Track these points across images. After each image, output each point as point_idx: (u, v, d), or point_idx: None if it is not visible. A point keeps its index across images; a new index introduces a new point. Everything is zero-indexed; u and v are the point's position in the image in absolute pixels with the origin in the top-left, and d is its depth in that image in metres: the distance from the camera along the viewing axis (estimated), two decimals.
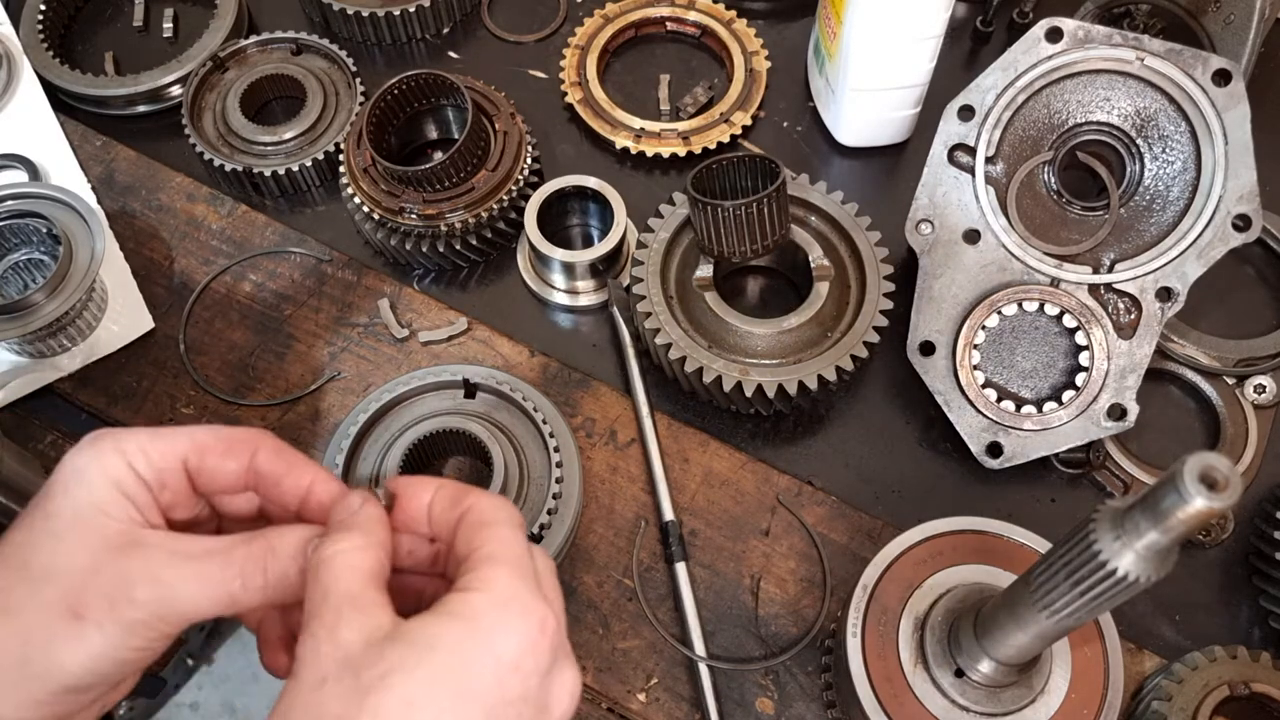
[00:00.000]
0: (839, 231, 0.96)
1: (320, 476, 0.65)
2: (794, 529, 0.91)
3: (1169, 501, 0.46)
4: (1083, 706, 0.72)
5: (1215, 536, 0.90)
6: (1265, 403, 0.94)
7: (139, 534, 0.60)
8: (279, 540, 0.60)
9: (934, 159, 0.91)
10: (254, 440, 0.65)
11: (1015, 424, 0.90)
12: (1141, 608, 0.88)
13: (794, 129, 1.11)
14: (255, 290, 1.03)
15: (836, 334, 0.92)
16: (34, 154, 1.07)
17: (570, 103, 1.10)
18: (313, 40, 1.11)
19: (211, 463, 0.64)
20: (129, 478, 0.61)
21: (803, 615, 0.88)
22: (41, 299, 0.92)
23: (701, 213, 0.88)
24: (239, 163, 1.05)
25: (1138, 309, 0.89)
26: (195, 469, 0.64)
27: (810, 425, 0.96)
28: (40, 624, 0.56)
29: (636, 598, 0.88)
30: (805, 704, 0.85)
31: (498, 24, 1.18)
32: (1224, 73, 0.85)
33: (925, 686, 0.73)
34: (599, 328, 1.01)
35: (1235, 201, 0.85)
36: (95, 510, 0.59)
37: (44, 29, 1.13)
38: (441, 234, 0.98)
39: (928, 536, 0.78)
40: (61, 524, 0.59)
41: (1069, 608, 0.57)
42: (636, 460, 0.94)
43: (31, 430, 0.97)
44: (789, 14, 1.17)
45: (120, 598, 0.57)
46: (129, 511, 0.60)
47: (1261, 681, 0.78)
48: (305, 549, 0.60)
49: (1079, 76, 0.88)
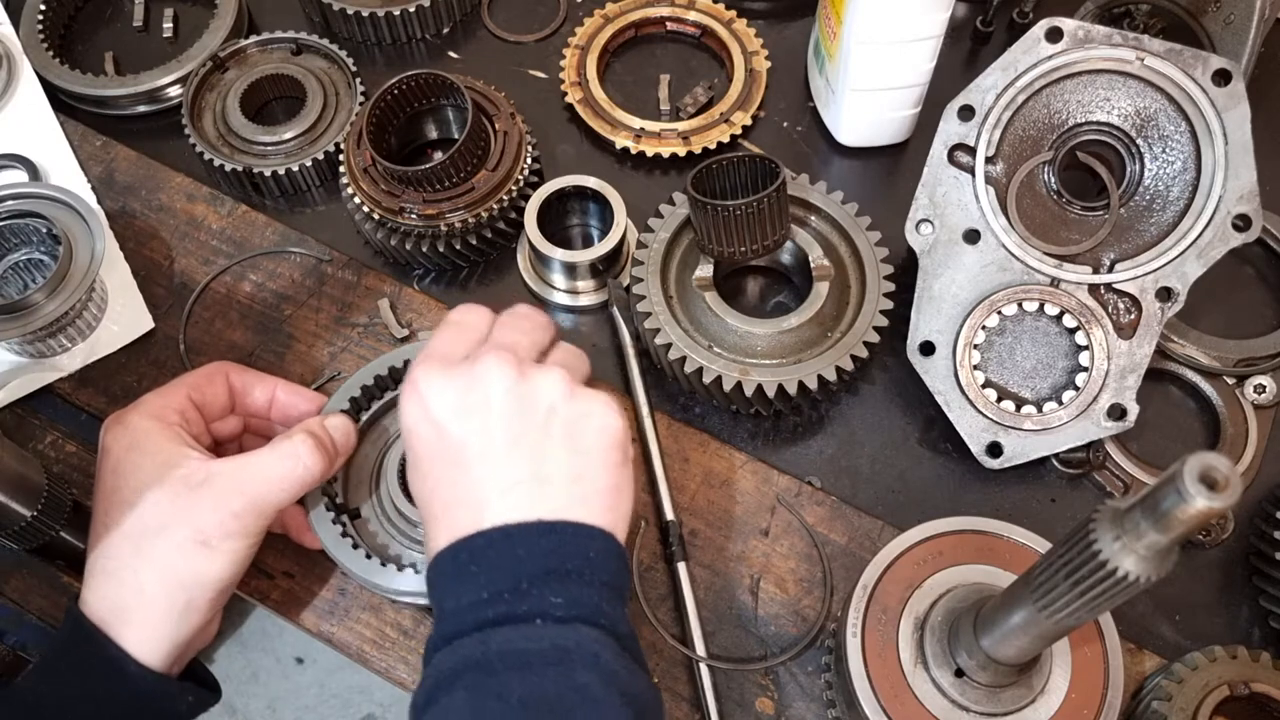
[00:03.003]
0: (839, 231, 0.96)
1: (280, 382, 0.88)
2: (794, 529, 0.91)
3: (1169, 501, 0.46)
4: (1083, 706, 0.72)
5: (1215, 536, 0.90)
6: (1265, 403, 0.94)
7: (207, 467, 0.77)
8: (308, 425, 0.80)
9: (934, 159, 0.91)
10: (223, 366, 0.87)
11: (1015, 424, 0.90)
12: (1141, 608, 0.88)
13: (794, 129, 1.11)
14: (255, 290, 1.03)
15: (836, 334, 0.92)
16: (34, 154, 1.07)
17: (570, 103, 1.10)
18: (313, 40, 1.11)
19: (208, 393, 0.85)
20: (170, 431, 0.79)
21: (803, 615, 0.88)
22: (41, 299, 0.92)
23: (701, 213, 0.88)
24: (239, 163, 1.05)
25: (1138, 309, 0.89)
26: (200, 402, 0.84)
27: (810, 425, 0.96)
28: (184, 559, 0.75)
29: (636, 598, 0.88)
30: (805, 704, 0.85)
31: (498, 24, 1.18)
32: (1224, 73, 0.85)
33: (925, 686, 0.73)
34: (599, 328, 1.01)
35: (1235, 201, 0.86)
36: (167, 469, 0.77)
37: (44, 29, 1.13)
38: (441, 234, 0.98)
39: (928, 536, 0.78)
40: (153, 491, 0.76)
41: (1069, 608, 0.56)
42: (636, 460, 0.94)
43: (31, 430, 0.97)
44: (789, 14, 1.17)
45: (227, 518, 0.75)
46: (188, 455, 0.78)
47: (1261, 681, 0.78)
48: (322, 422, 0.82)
49: (1079, 76, 0.88)
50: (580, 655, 0.63)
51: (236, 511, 0.76)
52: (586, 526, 0.69)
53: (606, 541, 0.69)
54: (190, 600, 0.75)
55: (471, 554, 0.68)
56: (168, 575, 0.75)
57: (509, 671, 0.62)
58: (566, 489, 0.69)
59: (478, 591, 0.66)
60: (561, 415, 0.70)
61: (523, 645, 0.64)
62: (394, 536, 0.86)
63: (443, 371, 0.72)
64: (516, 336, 0.75)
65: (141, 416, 0.80)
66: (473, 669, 0.63)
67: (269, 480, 0.77)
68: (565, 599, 0.66)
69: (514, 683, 0.62)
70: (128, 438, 0.78)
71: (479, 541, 0.68)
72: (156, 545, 0.75)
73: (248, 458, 0.78)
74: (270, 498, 0.77)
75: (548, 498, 0.69)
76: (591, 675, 0.62)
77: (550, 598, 0.65)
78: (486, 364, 0.71)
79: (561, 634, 0.64)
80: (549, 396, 0.71)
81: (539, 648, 0.63)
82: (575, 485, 0.69)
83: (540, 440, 0.70)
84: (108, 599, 0.75)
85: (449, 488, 0.70)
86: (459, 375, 0.71)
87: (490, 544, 0.67)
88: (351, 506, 0.88)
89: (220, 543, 0.75)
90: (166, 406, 0.81)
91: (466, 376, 0.71)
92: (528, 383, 0.71)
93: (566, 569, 0.66)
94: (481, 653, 0.64)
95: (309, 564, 0.90)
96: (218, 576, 0.76)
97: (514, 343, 0.74)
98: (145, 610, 0.75)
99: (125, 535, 0.76)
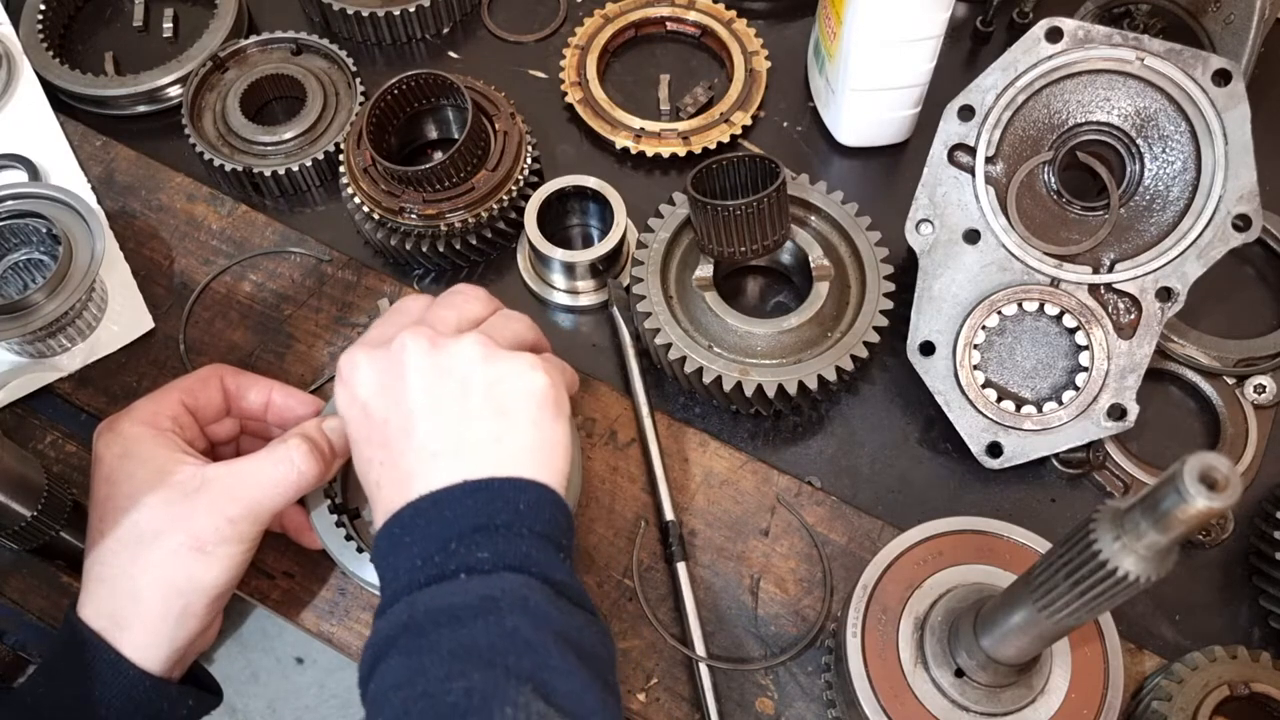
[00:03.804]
0: (839, 231, 0.96)
1: (275, 385, 0.87)
2: (794, 529, 0.91)
3: (1169, 501, 0.46)
4: (1083, 706, 0.72)
5: (1215, 536, 0.90)
6: (1265, 403, 0.94)
7: (202, 473, 0.77)
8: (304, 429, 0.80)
9: (934, 159, 0.91)
10: (217, 369, 0.86)
11: (1015, 424, 0.90)
12: (1141, 608, 0.88)
13: (794, 129, 1.11)
14: (255, 290, 1.03)
15: (836, 334, 0.92)
16: (34, 154, 1.07)
17: (570, 103, 1.10)
18: (313, 40, 1.11)
19: (202, 397, 0.84)
20: (163, 437, 0.79)
21: (803, 615, 0.88)
22: (41, 299, 0.92)
23: (701, 213, 0.88)
24: (239, 163, 1.05)
25: (1138, 309, 0.89)
26: (194, 406, 0.83)
27: (810, 425, 0.96)
28: (179, 565, 0.75)
29: (636, 598, 0.88)
30: (805, 704, 0.85)
31: (498, 24, 1.18)
32: (1224, 73, 0.85)
33: (925, 686, 0.73)
34: (599, 328, 1.01)
35: (1235, 201, 0.86)
36: (161, 475, 0.76)
37: (44, 29, 1.13)
38: (441, 234, 0.98)
39: (928, 536, 0.78)
40: (148, 498, 0.76)
41: (1069, 608, 0.56)
42: (636, 460, 0.94)
43: (31, 430, 0.97)
44: (789, 14, 1.17)
45: (222, 524, 0.75)
46: (181, 461, 0.77)
47: (1261, 681, 0.78)
48: (319, 425, 0.81)
49: (1079, 76, 0.88)
50: (508, 602, 0.63)
51: (232, 517, 0.75)
52: (515, 479, 0.68)
53: (539, 492, 0.69)
54: (187, 606, 0.75)
55: (403, 526, 0.68)
56: (164, 581, 0.75)
57: (438, 629, 0.63)
58: (490, 450, 0.69)
59: (411, 560, 0.66)
60: (479, 380, 0.71)
61: (449, 600, 0.64)
62: None
63: (365, 354, 0.73)
64: (443, 313, 0.76)
65: (133, 423, 0.79)
66: (405, 632, 0.63)
67: (263, 485, 0.77)
68: (491, 552, 0.65)
69: (444, 637, 0.62)
70: (120, 445, 0.78)
71: (408, 513, 0.68)
72: (152, 552, 0.75)
73: (242, 463, 0.78)
74: (265, 503, 0.77)
75: (472, 461, 0.69)
76: (521, 619, 0.62)
77: (477, 554, 0.65)
78: (401, 340, 0.72)
79: (487, 584, 0.64)
80: (464, 364, 0.71)
81: (465, 600, 0.63)
82: (499, 445, 0.69)
83: (460, 407, 0.70)
84: (105, 606, 0.75)
85: (379, 467, 0.71)
86: (378, 355, 0.73)
87: (418, 513, 0.68)
88: (351, 506, 0.88)
89: (216, 548, 0.75)
90: (159, 412, 0.81)
91: (384, 355, 0.72)
92: (441, 352, 0.71)
93: (495, 524, 0.66)
94: (409, 615, 0.64)
95: (309, 564, 0.90)
96: (214, 582, 0.76)
97: (438, 318, 0.75)
98: (142, 616, 0.75)
99: (121, 542, 0.75)
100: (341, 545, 0.82)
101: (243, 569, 0.78)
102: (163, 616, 0.75)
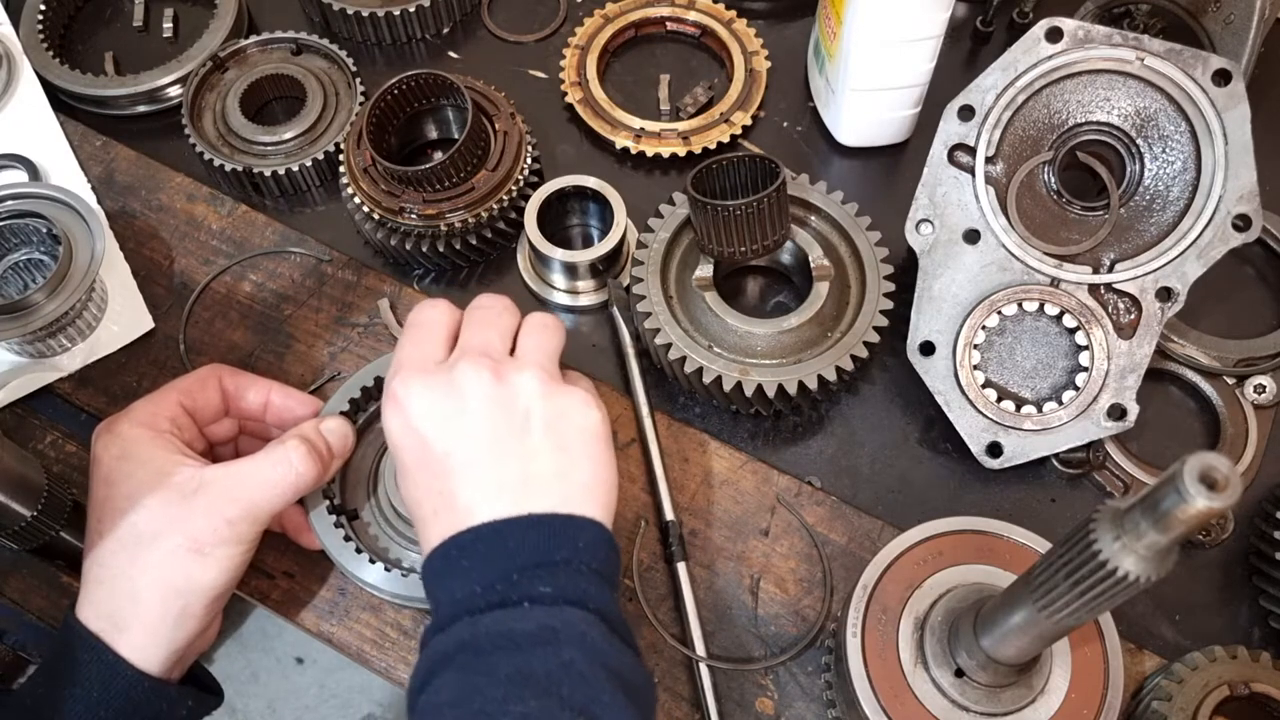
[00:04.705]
0: (839, 231, 0.96)
1: (274, 385, 0.87)
2: (794, 529, 0.91)
3: (1169, 501, 0.46)
4: (1083, 706, 0.72)
5: (1215, 536, 0.90)
6: (1265, 403, 0.94)
7: (200, 475, 0.77)
8: (302, 430, 0.80)
9: (934, 159, 0.91)
10: (215, 370, 0.86)
11: (1015, 424, 0.90)
12: (1141, 608, 0.88)
13: (794, 129, 1.11)
14: (255, 290, 1.03)
15: (836, 334, 0.92)
16: (34, 154, 1.07)
17: (570, 103, 1.10)
18: (313, 40, 1.11)
19: (200, 398, 0.84)
20: (161, 438, 0.79)
21: (803, 615, 0.88)
22: (41, 299, 0.92)
23: (701, 213, 0.88)
24: (239, 163, 1.05)
25: (1138, 309, 0.89)
26: (192, 407, 0.83)
27: (810, 425, 0.96)
28: (178, 566, 0.75)
29: (636, 598, 0.88)
30: (805, 704, 0.85)
31: (498, 24, 1.18)
32: (1224, 73, 0.85)
33: (925, 686, 0.73)
34: (599, 328, 1.01)
35: (1235, 201, 0.86)
36: (159, 477, 0.76)
37: (44, 29, 1.13)
38: (441, 234, 0.98)
39: (928, 536, 0.78)
40: (146, 499, 0.76)
41: (1069, 608, 0.56)
42: (636, 460, 0.94)
43: (31, 430, 0.97)
44: (789, 14, 1.17)
45: (220, 525, 0.75)
46: (179, 463, 0.77)
47: (1261, 681, 0.78)
48: (317, 426, 0.82)
49: (1079, 76, 0.88)
50: (567, 634, 0.65)
51: (230, 519, 0.76)
52: (575, 518, 0.70)
53: (596, 531, 0.71)
54: (185, 607, 0.76)
55: (462, 549, 0.69)
56: (162, 583, 0.75)
57: (498, 651, 0.64)
58: (552, 486, 0.71)
59: (470, 585, 0.68)
60: (540, 415, 0.72)
61: (511, 626, 0.65)
62: (393, 538, 0.87)
63: (421, 379, 0.73)
64: (487, 334, 0.77)
65: (131, 424, 0.79)
66: (464, 650, 0.65)
67: (261, 487, 0.77)
68: (554, 587, 0.67)
69: (502, 661, 0.63)
70: (118, 446, 0.78)
71: (468, 537, 0.69)
72: (150, 553, 0.75)
73: (240, 464, 0.78)
74: (263, 504, 0.77)
75: (535, 495, 0.70)
76: (577, 653, 0.64)
77: (539, 587, 0.67)
78: (463, 370, 0.73)
79: (549, 615, 0.66)
80: (526, 398, 0.73)
81: (526, 628, 0.65)
82: (560, 481, 0.71)
83: (522, 442, 0.72)
84: (103, 607, 0.75)
85: (436, 496, 0.72)
86: (437, 384, 0.73)
87: (480, 539, 0.69)
88: (349, 507, 0.88)
89: (214, 550, 0.76)
90: (157, 414, 0.81)
91: (445, 385, 0.73)
92: (505, 385, 0.73)
93: (555, 560, 0.68)
94: (471, 634, 0.65)
95: (309, 564, 0.90)
96: (212, 583, 0.76)
97: (485, 342, 0.76)
98: (141, 617, 0.75)
99: (119, 543, 0.76)
100: (340, 545, 0.82)
101: (241, 570, 0.79)
102: (161, 618, 0.75)
